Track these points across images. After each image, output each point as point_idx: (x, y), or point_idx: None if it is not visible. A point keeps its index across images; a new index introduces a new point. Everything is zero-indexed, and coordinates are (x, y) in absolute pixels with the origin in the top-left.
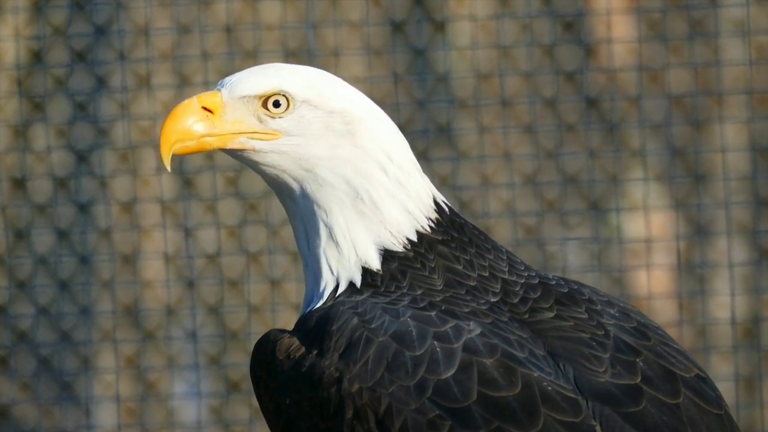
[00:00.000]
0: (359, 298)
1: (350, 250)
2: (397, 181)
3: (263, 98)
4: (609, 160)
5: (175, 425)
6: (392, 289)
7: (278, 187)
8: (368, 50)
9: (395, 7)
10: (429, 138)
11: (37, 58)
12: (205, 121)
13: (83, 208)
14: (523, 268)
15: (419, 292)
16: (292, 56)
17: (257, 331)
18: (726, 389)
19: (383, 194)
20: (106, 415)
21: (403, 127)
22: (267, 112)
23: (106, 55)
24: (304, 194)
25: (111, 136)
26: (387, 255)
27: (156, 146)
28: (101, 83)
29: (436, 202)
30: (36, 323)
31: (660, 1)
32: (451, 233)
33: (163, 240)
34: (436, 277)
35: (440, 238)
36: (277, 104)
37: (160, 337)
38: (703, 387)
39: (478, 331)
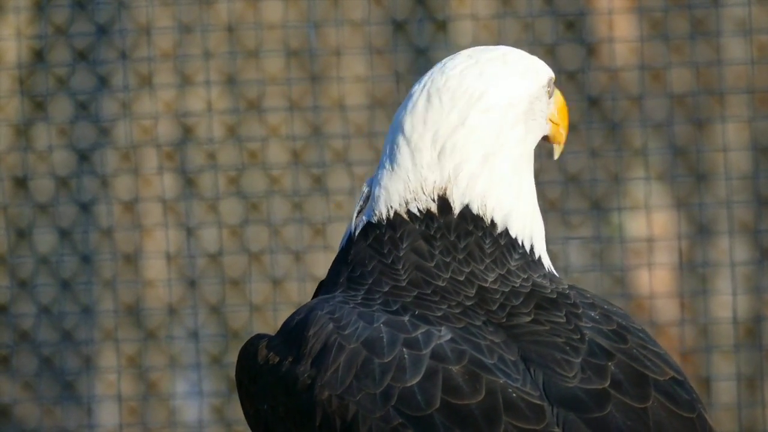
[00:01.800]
0: (336, 300)
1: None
2: (403, 150)
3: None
4: (611, 159)
5: (177, 425)
6: (357, 274)
7: None
8: (370, 49)
9: (397, 7)
10: None
11: (38, 57)
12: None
13: (85, 208)
14: (518, 280)
15: (386, 288)
16: (294, 56)
17: (259, 331)
18: (727, 389)
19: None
20: (107, 414)
21: None
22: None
23: (107, 55)
24: None
25: (113, 136)
26: (367, 227)
27: (158, 146)
28: (103, 82)
29: (443, 199)
30: (38, 322)
31: (662, 1)
32: (446, 234)
33: (165, 239)
34: (400, 268)
35: (422, 229)
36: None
37: (161, 337)
38: (676, 390)
39: (448, 336)
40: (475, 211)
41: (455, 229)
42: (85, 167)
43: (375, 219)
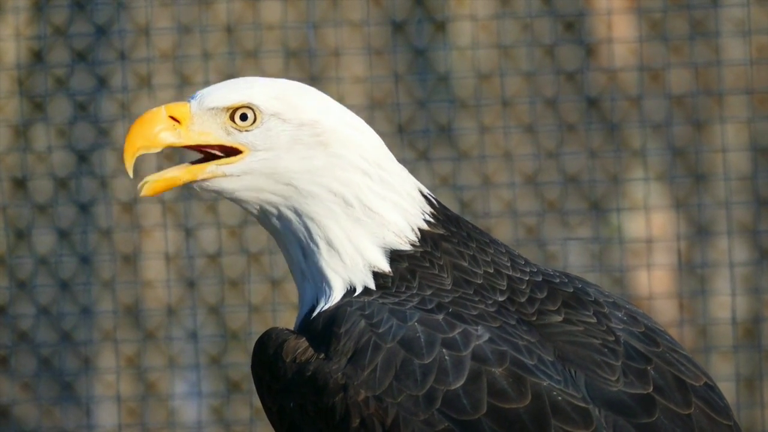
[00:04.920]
0: (368, 298)
1: (356, 257)
2: (382, 182)
3: (230, 110)
4: (610, 160)
5: (176, 425)
6: (403, 290)
7: (263, 211)
8: (369, 50)
9: (396, 7)
10: (430, 138)
11: (37, 57)
12: (171, 130)
13: (84, 208)
14: (524, 263)
15: (429, 292)
16: (293, 56)
17: (258, 331)
18: (726, 389)
19: (372, 197)
20: (106, 415)
21: (403, 127)
22: (234, 125)
23: (106, 55)
24: (294, 210)
25: (112, 136)
26: (395, 256)
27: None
28: (102, 83)
29: (426, 197)
30: (37, 323)
31: (661, 1)
32: (450, 228)
33: (164, 240)
34: (446, 275)
35: (441, 233)
36: (244, 117)
37: (160, 337)
38: (712, 397)
39: (486, 337)
40: (437, 210)
41: (448, 219)
42: (84, 168)
43: (402, 245)
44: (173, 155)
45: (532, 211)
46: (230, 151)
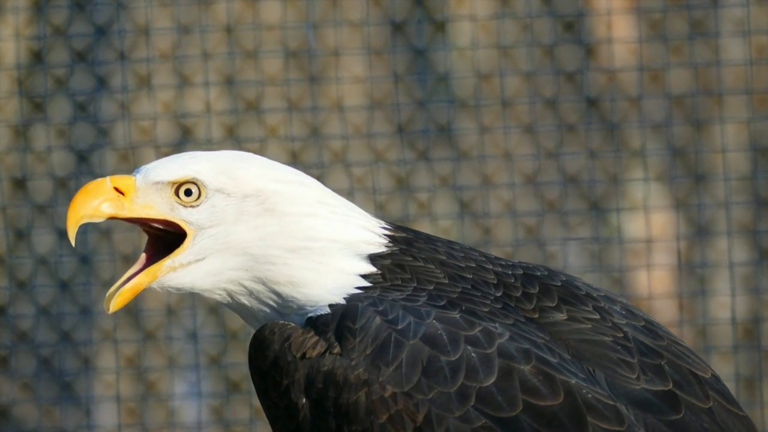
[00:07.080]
0: (374, 294)
1: (338, 276)
2: (334, 213)
3: (175, 185)
4: (609, 160)
5: (176, 425)
6: (399, 282)
7: (230, 293)
8: (368, 50)
9: (395, 7)
10: (429, 138)
11: (37, 58)
12: (115, 201)
13: None
14: (494, 257)
15: (431, 287)
16: (293, 56)
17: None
18: None
19: (329, 228)
20: (106, 415)
21: (403, 127)
22: (179, 201)
23: (106, 55)
24: (258, 280)
25: (111, 136)
26: (374, 257)
27: (157, 146)
28: (102, 83)
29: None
30: (36, 323)
31: (660, 1)
32: (410, 232)
33: None
34: (437, 270)
35: (405, 235)
36: (188, 193)
37: (160, 338)
38: (722, 388)
39: (507, 335)
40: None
41: (403, 228)
42: (84, 168)
43: (377, 249)
44: (172, 154)
45: (532, 212)
46: (172, 226)
